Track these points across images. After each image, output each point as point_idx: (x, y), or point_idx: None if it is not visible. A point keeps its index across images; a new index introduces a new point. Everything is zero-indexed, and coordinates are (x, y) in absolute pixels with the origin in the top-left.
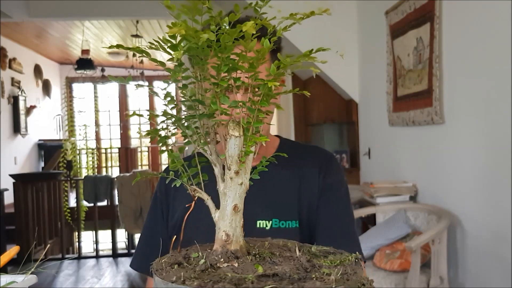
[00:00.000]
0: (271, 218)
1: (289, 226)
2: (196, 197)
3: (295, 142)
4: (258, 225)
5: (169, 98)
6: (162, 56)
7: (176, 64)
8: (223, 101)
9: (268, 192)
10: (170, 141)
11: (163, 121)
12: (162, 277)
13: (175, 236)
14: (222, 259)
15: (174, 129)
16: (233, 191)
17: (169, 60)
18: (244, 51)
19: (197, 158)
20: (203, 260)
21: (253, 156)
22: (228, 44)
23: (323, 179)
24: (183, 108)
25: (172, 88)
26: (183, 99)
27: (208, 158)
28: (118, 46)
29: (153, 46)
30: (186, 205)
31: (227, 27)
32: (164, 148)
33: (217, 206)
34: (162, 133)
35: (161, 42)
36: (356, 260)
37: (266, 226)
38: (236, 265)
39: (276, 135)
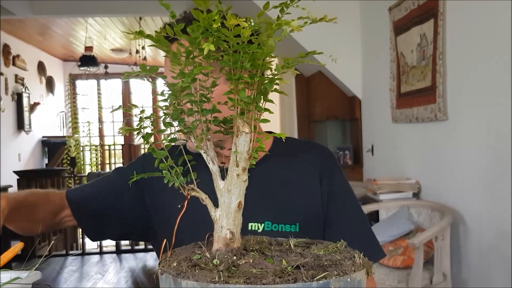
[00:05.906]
0: (263, 221)
1: (283, 230)
2: (189, 197)
3: (290, 138)
4: (249, 228)
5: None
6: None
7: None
8: (241, 96)
9: (262, 194)
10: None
11: (148, 117)
12: (195, 279)
13: (165, 240)
14: (234, 257)
15: (177, 126)
16: (238, 188)
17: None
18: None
19: (185, 156)
20: (216, 260)
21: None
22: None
23: (328, 182)
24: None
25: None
26: (186, 94)
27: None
28: (139, 32)
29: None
30: (179, 206)
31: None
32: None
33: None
34: (148, 130)
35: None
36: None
37: (258, 228)
38: (251, 261)
39: (268, 131)
